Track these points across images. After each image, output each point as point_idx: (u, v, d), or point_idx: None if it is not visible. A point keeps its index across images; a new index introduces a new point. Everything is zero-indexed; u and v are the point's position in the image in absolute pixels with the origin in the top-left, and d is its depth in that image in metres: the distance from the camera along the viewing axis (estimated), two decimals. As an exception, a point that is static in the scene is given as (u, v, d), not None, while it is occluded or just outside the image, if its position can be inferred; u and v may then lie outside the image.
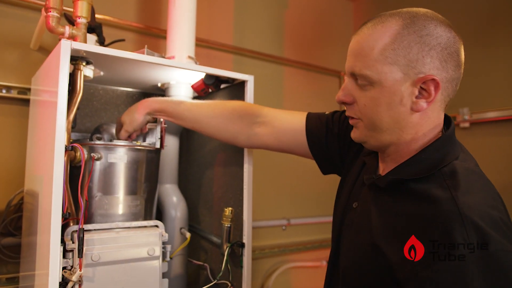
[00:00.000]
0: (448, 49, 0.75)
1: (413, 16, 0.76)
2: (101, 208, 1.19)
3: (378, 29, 0.77)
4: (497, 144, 2.06)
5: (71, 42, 1.04)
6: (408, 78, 0.75)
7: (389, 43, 0.75)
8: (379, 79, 0.76)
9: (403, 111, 0.77)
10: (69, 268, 1.03)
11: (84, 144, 1.16)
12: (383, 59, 0.75)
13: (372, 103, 0.78)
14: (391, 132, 0.79)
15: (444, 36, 0.75)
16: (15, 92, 1.54)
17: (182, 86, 1.49)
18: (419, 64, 0.74)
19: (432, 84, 0.74)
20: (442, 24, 0.76)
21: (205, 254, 1.54)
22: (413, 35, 0.74)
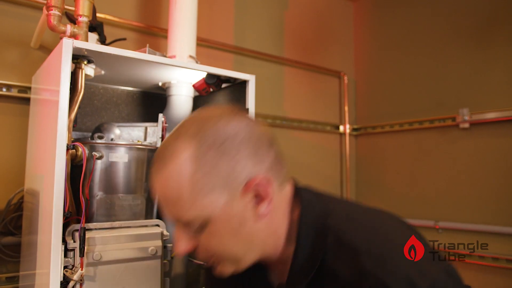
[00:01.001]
0: (252, 138, 0.67)
1: (199, 129, 0.65)
2: (102, 207, 1.18)
3: (173, 164, 0.64)
4: (497, 144, 2.06)
5: (73, 41, 1.04)
6: (234, 195, 0.65)
7: (194, 173, 0.63)
8: (207, 215, 0.64)
9: (249, 229, 0.67)
10: (71, 267, 1.03)
11: (86, 143, 1.16)
12: (198, 192, 0.64)
13: (216, 239, 0.67)
14: (251, 252, 0.70)
15: (241, 129, 0.66)
16: (16, 91, 1.53)
17: (183, 86, 1.49)
18: (236, 176, 0.64)
19: (260, 185, 0.65)
20: (231, 117, 0.68)
21: (206, 254, 1.54)
22: (212, 151, 0.64)
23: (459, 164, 2.20)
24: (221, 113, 0.69)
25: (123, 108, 1.67)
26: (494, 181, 2.06)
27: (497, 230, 2.01)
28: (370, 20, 2.82)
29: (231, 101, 1.46)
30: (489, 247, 2.02)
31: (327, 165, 2.67)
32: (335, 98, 2.77)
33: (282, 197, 0.72)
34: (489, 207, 2.07)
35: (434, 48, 2.37)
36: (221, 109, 0.72)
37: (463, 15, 2.25)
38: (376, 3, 2.79)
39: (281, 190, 0.72)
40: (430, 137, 2.35)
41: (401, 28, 2.58)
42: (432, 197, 2.31)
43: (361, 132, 2.77)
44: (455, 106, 2.21)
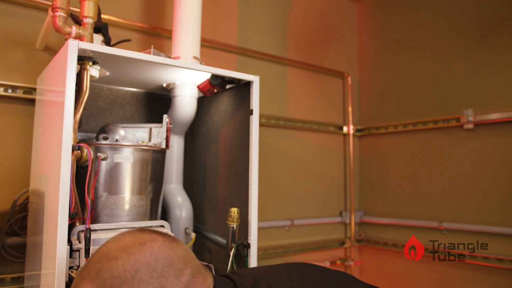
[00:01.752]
0: (155, 273, 0.67)
1: (97, 275, 0.66)
2: (107, 208, 1.19)
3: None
4: (501, 145, 2.05)
5: (79, 42, 1.04)
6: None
7: None
8: None
9: None
10: (76, 268, 1.03)
11: (91, 144, 1.16)
12: None
13: None
14: None
15: (141, 266, 0.66)
16: (21, 92, 1.54)
17: (187, 86, 1.49)
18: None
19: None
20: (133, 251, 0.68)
21: (210, 254, 1.54)
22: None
23: (463, 165, 2.19)
24: (123, 248, 0.68)
25: (128, 109, 1.67)
26: (498, 182, 2.05)
27: (501, 231, 2.00)
28: (374, 20, 2.82)
29: (235, 101, 1.46)
30: (493, 248, 2.02)
31: (330, 166, 2.67)
32: (338, 98, 2.76)
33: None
34: (494, 208, 2.06)
35: (438, 48, 2.37)
36: (127, 239, 0.70)
37: (467, 15, 2.25)
38: (379, 3, 2.79)
39: None
40: (434, 138, 2.35)
41: (405, 28, 2.58)
42: (436, 198, 2.31)
43: (365, 133, 2.77)
44: (459, 107, 2.20)
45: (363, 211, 2.71)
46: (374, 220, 2.61)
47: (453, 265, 2.16)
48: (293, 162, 2.43)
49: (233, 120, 1.46)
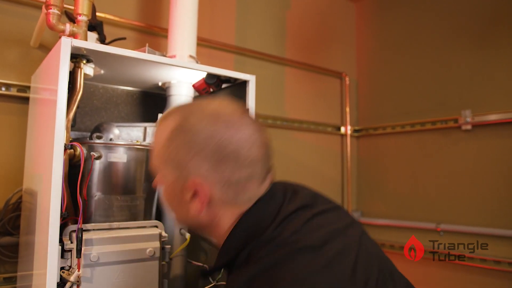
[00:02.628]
0: (222, 152, 0.69)
1: (188, 115, 0.73)
2: (100, 207, 1.17)
3: (161, 126, 0.76)
4: (499, 146, 2.05)
5: (72, 40, 1.03)
6: (180, 181, 0.72)
7: (165, 142, 0.73)
8: (161, 176, 0.76)
9: (186, 212, 0.74)
10: (67, 268, 1.02)
11: (84, 143, 1.15)
12: (161, 157, 0.74)
13: (163, 196, 0.79)
14: (190, 225, 0.80)
15: (217, 137, 0.69)
16: (15, 90, 1.52)
17: (183, 86, 1.48)
18: (186, 167, 0.70)
19: (199, 188, 0.70)
20: (219, 122, 0.71)
21: (205, 255, 1.53)
22: (182, 136, 0.71)
23: (461, 166, 2.19)
24: (216, 113, 0.72)
25: (123, 108, 1.66)
26: (496, 183, 2.04)
27: (499, 232, 1.99)
28: (372, 20, 2.81)
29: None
30: (491, 250, 2.01)
31: (328, 166, 2.66)
32: (336, 99, 2.75)
33: (228, 212, 0.74)
34: (492, 210, 2.05)
35: (437, 49, 2.36)
36: (226, 107, 0.75)
37: (466, 16, 2.24)
38: (378, 3, 2.78)
39: (233, 207, 0.74)
40: (432, 139, 2.34)
41: (403, 29, 2.57)
42: (433, 199, 2.30)
43: (363, 134, 2.76)
44: (457, 108, 2.20)
45: (360, 212, 2.70)
46: (371, 221, 2.60)
47: (451, 267, 2.15)
48: (290, 163, 2.42)
49: (229, 119, 1.45)
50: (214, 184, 0.70)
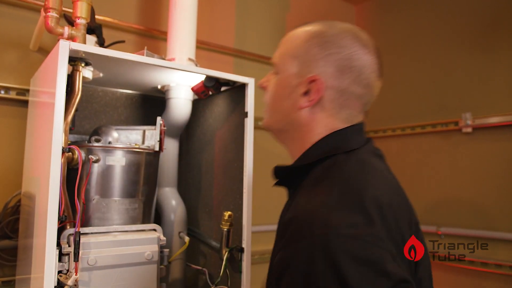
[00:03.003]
0: (351, 63, 0.76)
1: (330, 26, 0.80)
2: (98, 211, 1.17)
3: (297, 32, 0.83)
4: (499, 149, 2.04)
5: (70, 43, 1.03)
6: (300, 75, 0.78)
7: (299, 41, 0.80)
8: (281, 69, 0.82)
9: (290, 105, 0.80)
10: (65, 272, 1.01)
11: (82, 146, 1.15)
12: (292, 52, 0.80)
13: (272, 89, 0.84)
14: (274, 116, 0.84)
15: (352, 49, 0.76)
16: (14, 93, 1.52)
17: (182, 88, 1.48)
18: (312, 64, 0.76)
19: (315, 85, 0.75)
20: (357, 39, 0.78)
21: (204, 259, 1.53)
22: (319, 39, 0.77)
23: (462, 169, 2.18)
24: (359, 37, 0.79)
25: (122, 111, 1.66)
26: (497, 186, 2.04)
27: (500, 236, 1.98)
28: (372, 23, 2.81)
29: (230, 104, 1.44)
30: (492, 254, 2.00)
31: (328, 169, 2.65)
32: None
33: (329, 121, 0.78)
34: (492, 213, 2.04)
35: (437, 52, 2.36)
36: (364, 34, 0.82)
37: (466, 19, 2.24)
38: (378, 6, 2.78)
39: (334, 117, 0.78)
40: (432, 142, 2.33)
41: (404, 31, 2.57)
42: (434, 202, 2.29)
43: (363, 136, 2.75)
44: (457, 111, 2.19)
45: (361, 215, 2.69)
46: (372, 224, 2.59)
47: (452, 270, 2.14)
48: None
49: (228, 122, 1.45)
50: (331, 87, 0.76)
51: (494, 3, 2.12)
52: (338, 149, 0.75)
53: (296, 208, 0.69)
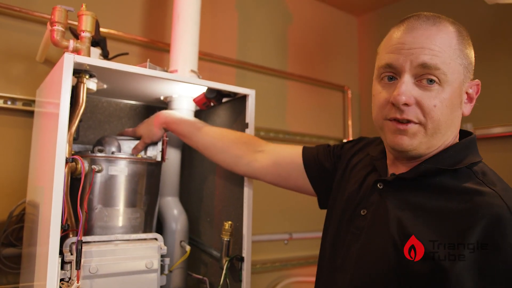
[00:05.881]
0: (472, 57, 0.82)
1: (454, 23, 0.81)
2: (100, 220, 1.19)
3: (446, 26, 0.78)
4: (501, 160, 2.04)
5: (74, 56, 1.05)
6: (465, 81, 0.78)
7: (457, 44, 0.77)
8: (452, 78, 0.75)
9: (459, 114, 0.79)
10: (67, 280, 1.03)
11: (85, 156, 1.17)
12: (456, 58, 0.76)
13: (442, 104, 0.75)
14: (443, 135, 0.78)
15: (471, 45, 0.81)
16: (20, 104, 1.56)
17: (184, 100, 1.50)
18: (471, 68, 0.79)
19: (476, 88, 0.80)
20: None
21: (205, 268, 1.54)
22: (466, 40, 0.79)
23: (463, 179, 2.18)
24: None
25: (126, 121, 1.68)
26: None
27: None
28: (374, 34, 2.84)
29: (232, 115, 1.47)
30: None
31: (330, 179, 2.66)
32: (339, 112, 2.77)
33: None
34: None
35: (438, 63, 2.37)
36: None
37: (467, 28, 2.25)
38: (380, 17, 2.81)
39: None
40: (433, 152, 2.34)
41: (405, 43, 2.59)
42: (436, 213, 2.29)
43: (365, 146, 2.76)
44: (458, 121, 2.20)
45: (363, 225, 2.69)
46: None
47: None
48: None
49: (229, 133, 1.47)
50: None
51: (494, 13, 2.14)
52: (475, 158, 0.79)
53: None
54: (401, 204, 0.79)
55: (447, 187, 0.74)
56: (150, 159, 1.31)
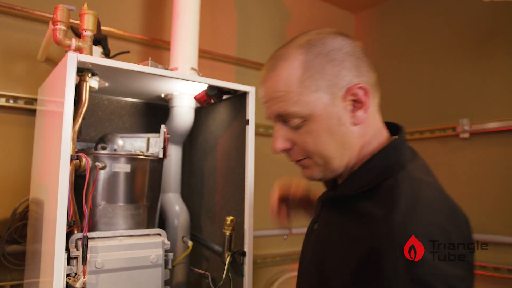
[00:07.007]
0: (355, 55, 0.74)
1: (309, 40, 0.75)
2: (105, 216, 1.21)
3: (284, 66, 0.74)
4: (497, 154, 2.07)
5: (78, 55, 1.07)
6: (336, 97, 0.72)
7: (302, 74, 0.72)
8: (310, 111, 0.72)
9: (344, 130, 0.74)
10: (73, 275, 1.05)
11: (89, 154, 1.19)
12: (304, 90, 0.72)
13: (313, 137, 0.74)
14: (342, 157, 0.75)
15: (346, 45, 0.74)
16: (22, 102, 1.57)
17: (185, 97, 1.52)
18: (339, 80, 0.72)
19: (360, 92, 0.72)
20: (337, 35, 0.75)
21: (207, 263, 1.56)
22: (320, 57, 0.73)
23: (459, 174, 2.21)
24: (329, 31, 0.77)
25: (127, 119, 1.70)
26: (494, 190, 2.07)
27: (498, 239, 2.01)
28: (371, 31, 2.86)
29: (232, 112, 1.48)
30: (490, 257, 2.02)
31: (329, 174, 2.68)
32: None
33: (373, 120, 0.77)
34: (490, 217, 2.07)
35: (435, 58, 2.40)
36: (328, 29, 0.78)
37: (464, 26, 2.28)
38: (377, 15, 2.83)
39: (376, 114, 0.78)
40: (430, 147, 2.36)
41: (402, 39, 2.61)
42: (433, 207, 2.31)
43: (363, 142, 2.78)
44: (455, 116, 2.23)
45: (361, 220, 2.72)
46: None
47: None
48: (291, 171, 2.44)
49: (230, 130, 1.49)
50: (366, 85, 0.73)
51: (490, 11, 2.16)
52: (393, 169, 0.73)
53: None
54: (327, 224, 0.79)
55: (356, 209, 0.72)
56: (152, 156, 1.33)
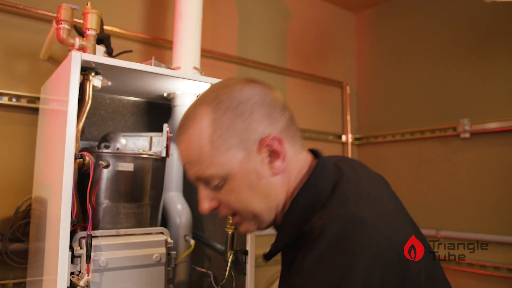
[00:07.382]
0: (265, 102, 0.74)
1: (215, 96, 0.74)
2: (108, 214, 1.21)
3: (193, 127, 0.73)
4: (497, 154, 2.08)
5: (82, 54, 1.07)
6: (250, 152, 0.72)
7: (212, 134, 0.72)
8: (226, 171, 0.72)
9: (265, 183, 0.73)
10: (77, 273, 1.05)
11: (92, 152, 1.19)
12: (216, 151, 0.71)
13: (235, 195, 0.74)
14: (269, 209, 0.76)
15: (254, 94, 0.74)
16: (25, 101, 1.57)
17: (188, 96, 1.53)
18: (250, 134, 0.72)
19: (274, 142, 0.72)
20: (245, 84, 0.75)
21: (209, 262, 1.56)
22: (228, 113, 0.72)
23: (460, 173, 2.22)
24: (235, 82, 0.76)
25: (129, 118, 1.70)
26: (495, 190, 2.07)
27: (498, 239, 2.02)
28: (372, 31, 2.86)
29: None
30: (490, 256, 2.03)
31: (329, 174, 2.69)
32: (337, 108, 2.80)
33: (298, 161, 0.77)
34: (491, 217, 2.08)
35: (436, 58, 2.41)
36: (235, 79, 0.78)
37: (465, 25, 2.29)
38: (378, 14, 2.83)
39: (297, 154, 0.78)
40: (431, 147, 2.37)
41: (403, 38, 2.62)
42: (433, 207, 2.33)
43: (363, 142, 2.79)
44: (456, 116, 2.23)
45: (361, 219, 2.72)
46: (372, 228, 2.62)
47: (451, 273, 2.17)
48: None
49: (232, 129, 1.49)
50: (280, 133, 0.73)
51: (491, 11, 2.17)
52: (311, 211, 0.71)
53: None
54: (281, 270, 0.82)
55: (289, 258, 0.74)
56: (155, 155, 1.34)
